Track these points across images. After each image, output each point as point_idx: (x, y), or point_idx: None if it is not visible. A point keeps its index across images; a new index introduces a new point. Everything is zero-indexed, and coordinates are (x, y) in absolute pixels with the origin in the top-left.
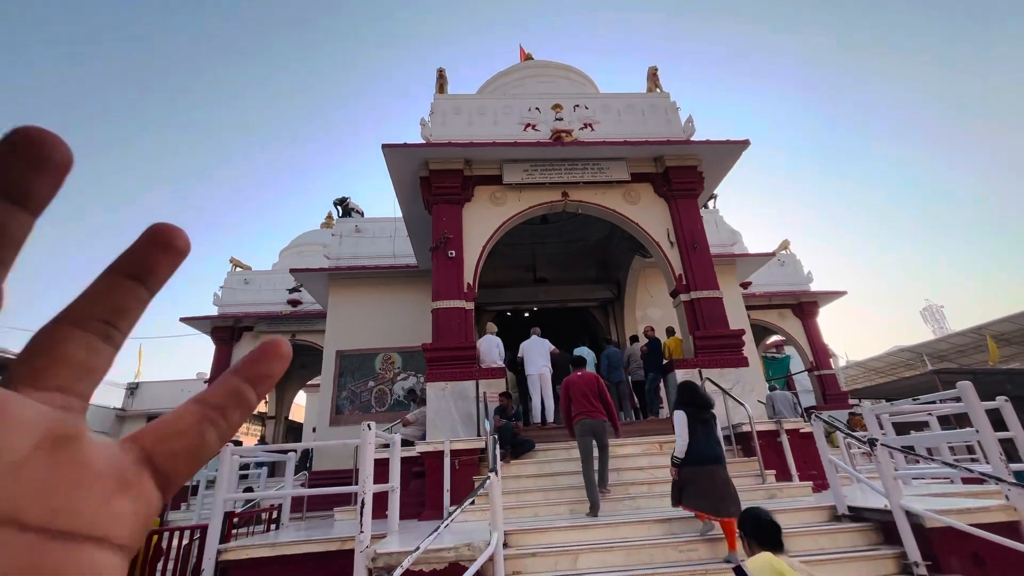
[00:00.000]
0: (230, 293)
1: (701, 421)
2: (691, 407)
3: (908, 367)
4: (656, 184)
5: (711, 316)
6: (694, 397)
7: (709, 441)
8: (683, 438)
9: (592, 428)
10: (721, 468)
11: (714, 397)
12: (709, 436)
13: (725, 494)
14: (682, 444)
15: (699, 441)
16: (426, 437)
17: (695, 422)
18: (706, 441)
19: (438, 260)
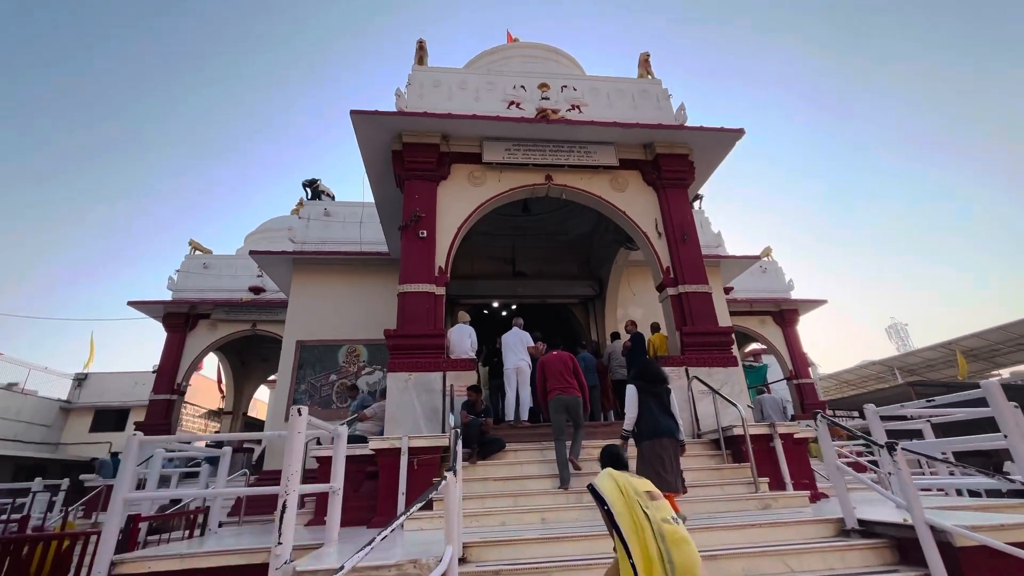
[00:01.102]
0: (187, 278)
1: (652, 395)
2: (640, 380)
3: (878, 380)
4: (645, 172)
5: (699, 312)
6: (645, 371)
7: (661, 414)
8: (631, 410)
9: (566, 404)
10: (671, 441)
11: (703, 397)
12: (661, 409)
13: (676, 468)
14: (630, 417)
15: (650, 413)
16: (384, 434)
17: (646, 396)
18: (658, 414)
19: (408, 240)
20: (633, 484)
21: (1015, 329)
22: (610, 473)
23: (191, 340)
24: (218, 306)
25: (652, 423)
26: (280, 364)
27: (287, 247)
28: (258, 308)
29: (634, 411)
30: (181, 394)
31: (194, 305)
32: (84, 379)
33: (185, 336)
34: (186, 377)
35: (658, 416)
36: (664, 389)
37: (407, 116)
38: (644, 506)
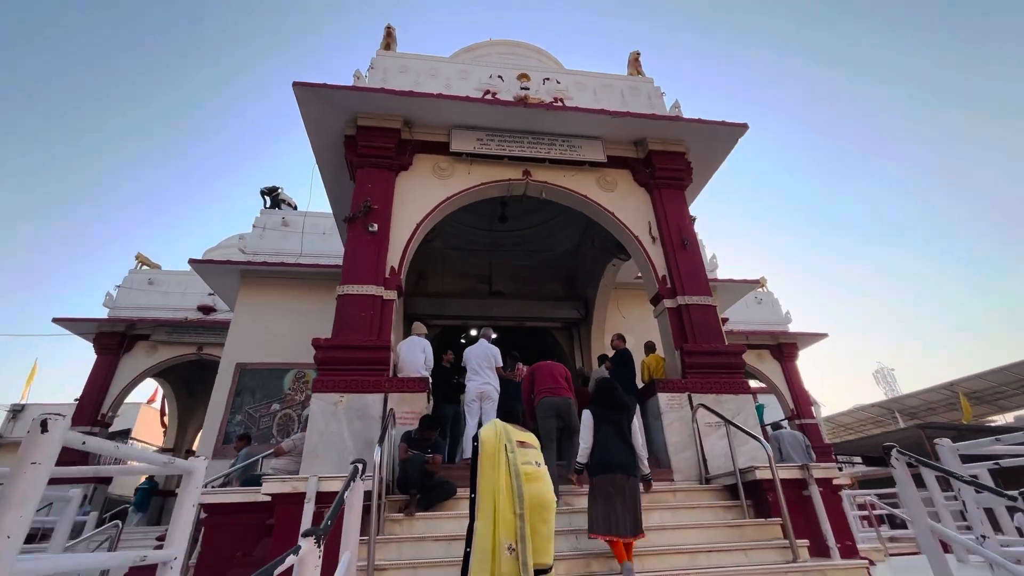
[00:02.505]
0: (128, 294)
1: (609, 422)
2: (596, 405)
3: (877, 423)
4: (636, 171)
5: (703, 327)
6: (602, 395)
7: (617, 445)
8: (585, 441)
9: (556, 407)
10: (626, 478)
11: (713, 429)
12: (618, 439)
13: (632, 508)
14: (584, 448)
15: (604, 444)
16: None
17: (600, 422)
18: (613, 445)
19: (355, 234)
20: (509, 433)
21: (1018, 370)
22: (495, 422)
23: (125, 364)
24: (159, 326)
25: (604, 456)
26: (214, 390)
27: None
28: (206, 330)
29: (589, 440)
30: (106, 427)
31: (132, 324)
32: (21, 410)
33: (118, 359)
34: (115, 407)
35: (612, 448)
36: (624, 416)
37: (362, 92)
38: (510, 450)
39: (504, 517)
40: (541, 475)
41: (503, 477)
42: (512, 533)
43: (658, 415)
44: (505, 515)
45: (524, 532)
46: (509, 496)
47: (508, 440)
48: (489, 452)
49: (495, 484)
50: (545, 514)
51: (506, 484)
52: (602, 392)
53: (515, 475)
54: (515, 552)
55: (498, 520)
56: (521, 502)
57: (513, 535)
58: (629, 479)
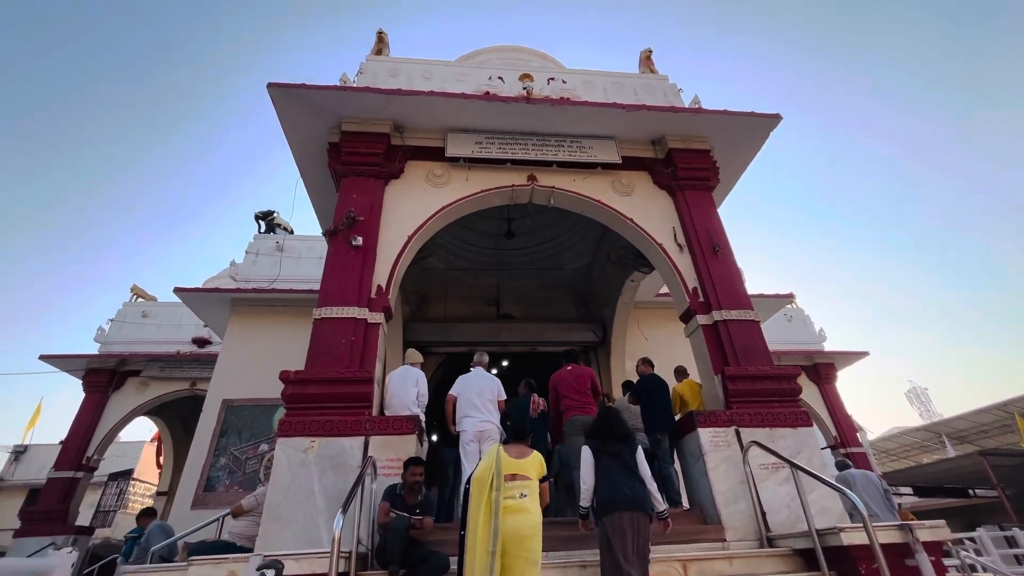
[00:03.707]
0: (120, 328)
1: (609, 455)
2: (595, 438)
3: (923, 449)
4: (656, 172)
5: (746, 347)
6: (601, 425)
7: (623, 479)
8: (586, 480)
9: (585, 426)
10: (635, 516)
11: (770, 473)
12: (619, 473)
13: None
14: (585, 488)
15: (607, 480)
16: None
17: (601, 456)
18: (618, 479)
19: (336, 249)
20: (501, 465)
21: None
22: (496, 450)
23: (114, 402)
24: (151, 360)
25: (608, 493)
26: (197, 429)
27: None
28: (200, 364)
29: (590, 480)
30: (91, 471)
31: (123, 360)
32: (24, 451)
33: (107, 397)
34: (101, 449)
35: (618, 483)
36: (628, 448)
37: (345, 93)
38: (495, 487)
39: (479, 554)
40: (522, 507)
41: (482, 514)
42: (484, 569)
43: (699, 456)
44: (480, 552)
45: (494, 567)
46: (485, 533)
47: (496, 475)
48: (477, 489)
49: (475, 520)
50: (522, 548)
51: (484, 522)
52: (602, 422)
53: (494, 512)
54: None
55: (475, 556)
56: (495, 540)
57: (485, 570)
58: (637, 516)
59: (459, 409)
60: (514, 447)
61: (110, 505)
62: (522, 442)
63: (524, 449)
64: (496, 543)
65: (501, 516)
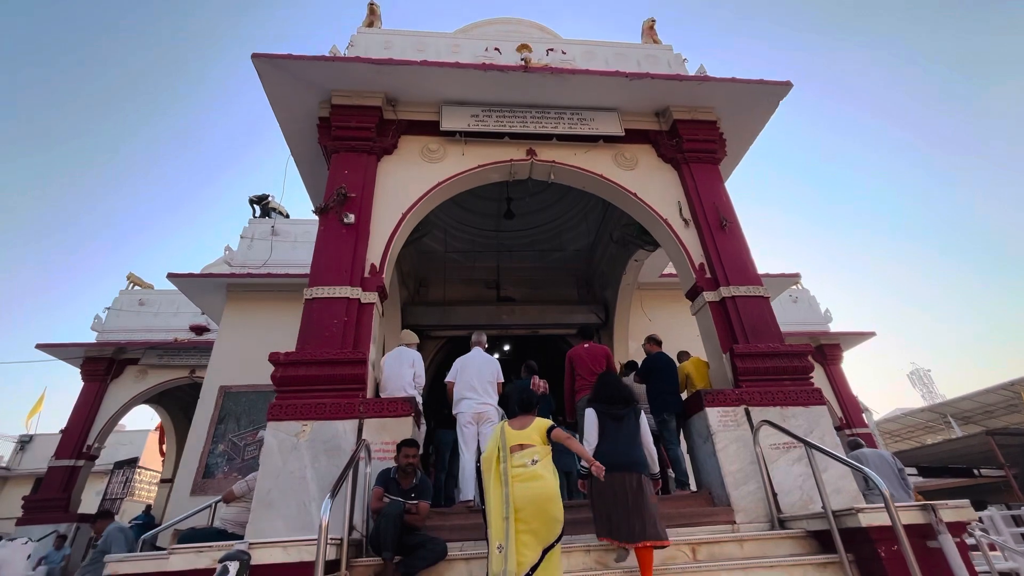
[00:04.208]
0: (118, 316)
1: (613, 418)
2: (599, 402)
3: (927, 429)
4: (660, 145)
5: (756, 324)
6: (603, 390)
7: (621, 442)
8: (589, 442)
9: None
10: (632, 477)
11: (781, 453)
12: (621, 436)
13: (637, 509)
14: (588, 448)
15: (607, 443)
16: (247, 527)
17: (605, 419)
18: (617, 442)
19: (327, 227)
20: (507, 438)
21: None
22: (501, 427)
23: (113, 390)
24: (150, 348)
25: (609, 455)
26: (195, 416)
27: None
28: (199, 351)
29: (594, 440)
30: (91, 459)
31: (121, 348)
32: (29, 441)
33: (105, 386)
34: (102, 437)
35: (618, 445)
36: (631, 411)
37: (334, 63)
38: (502, 459)
39: (495, 522)
40: (534, 474)
41: (494, 485)
42: (500, 535)
43: (708, 436)
44: (496, 520)
45: (509, 532)
46: (498, 503)
47: (502, 448)
48: (486, 466)
49: (488, 493)
50: (541, 510)
51: (496, 492)
52: (603, 387)
53: (504, 482)
54: (502, 551)
55: (492, 524)
56: (507, 507)
57: (501, 536)
58: (636, 478)
59: (456, 391)
60: (518, 419)
61: (116, 493)
62: (529, 413)
63: (526, 420)
64: (509, 510)
65: (512, 484)
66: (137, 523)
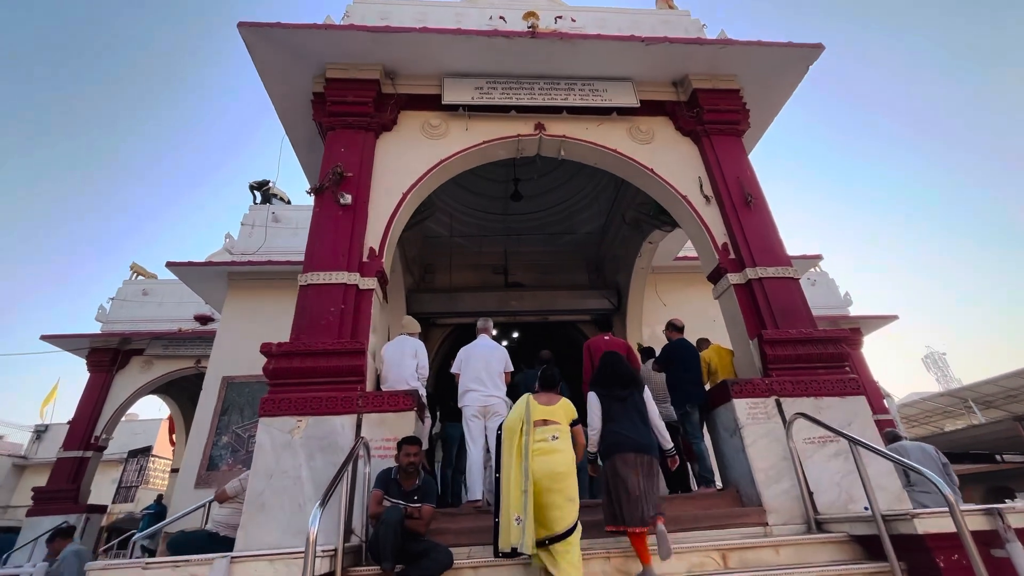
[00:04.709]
0: (122, 307)
1: (616, 399)
2: (600, 385)
3: (946, 415)
4: (678, 117)
5: (786, 308)
6: (604, 372)
7: (627, 424)
8: (593, 426)
9: None
10: (640, 458)
11: (816, 448)
12: (627, 417)
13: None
14: (592, 433)
15: (614, 424)
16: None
17: (609, 401)
18: (623, 423)
19: (322, 209)
20: (531, 412)
21: None
22: (526, 399)
23: (119, 381)
24: (155, 339)
25: (613, 435)
26: (198, 408)
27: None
28: (204, 341)
29: (598, 423)
30: (99, 450)
31: (126, 339)
32: (44, 431)
33: (111, 376)
34: (109, 428)
35: (624, 426)
36: (635, 392)
37: (327, 32)
38: (525, 432)
39: (513, 493)
40: (554, 448)
41: (514, 457)
42: (519, 507)
43: (735, 430)
44: (514, 492)
45: (527, 505)
46: (517, 474)
47: (527, 421)
48: (507, 435)
49: (508, 464)
50: (557, 483)
51: (516, 464)
52: (604, 369)
53: (524, 455)
54: (521, 523)
55: (510, 496)
56: (527, 480)
57: (520, 508)
58: (645, 458)
59: (461, 383)
60: (543, 395)
61: (131, 481)
62: (552, 390)
63: (553, 396)
64: (528, 483)
65: (532, 458)
66: (149, 512)
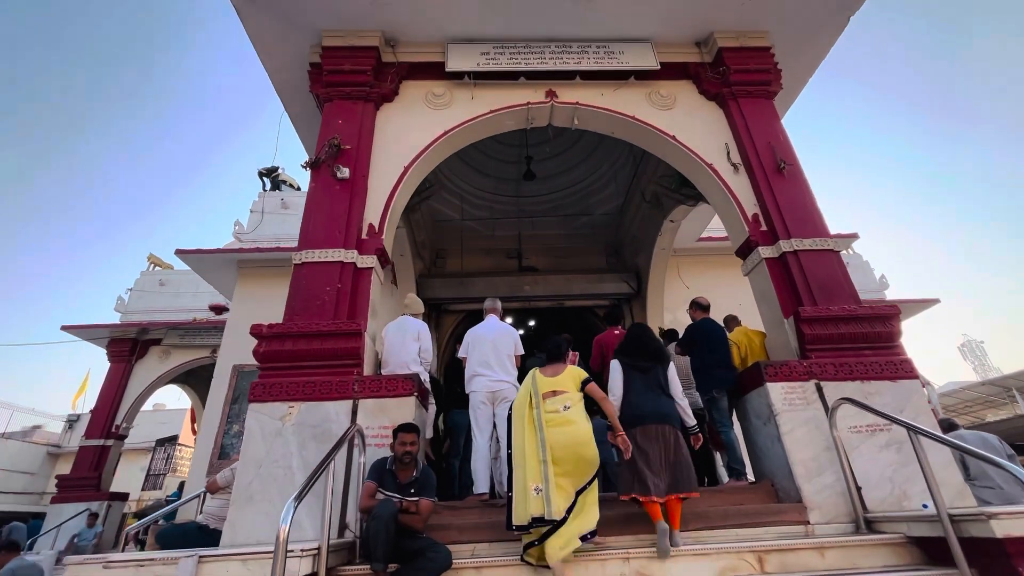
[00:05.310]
0: (140, 297)
1: (639, 370)
2: (624, 355)
3: (988, 404)
4: (702, 80)
5: (825, 283)
6: (630, 343)
7: (648, 395)
8: (614, 393)
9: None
10: (661, 428)
11: (864, 437)
12: (649, 388)
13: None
14: (614, 401)
15: (634, 395)
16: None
17: (631, 371)
18: (644, 395)
19: (319, 184)
20: (538, 385)
21: None
22: (532, 373)
23: (139, 371)
24: (172, 329)
25: (633, 408)
26: (209, 396)
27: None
28: (219, 331)
29: (619, 392)
30: (121, 439)
31: (144, 329)
32: (76, 420)
33: (131, 366)
34: (129, 417)
35: (644, 397)
36: (659, 366)
37: None
38: (534, 404)
39: (530, 464)
40: (568, 419)
41: (528, 430)
42: (538, 477)
43: (769, 417)
44: (531, 463)
45: (547, 474)
46: (533, 445)
47: (534, 394)
48: (517, 412)
49: (521, 437)
50: (576, 453)
51: (530, 436)
52: (630, 340)
53: (538, 427)
54: (541, 492)
55: (526, 467)
56: (544, 450)
57: (539, 478)
58: (664, 428)
59: (468, 367)
60: (549, 367)
61: (159, 469)
62: (558, 362)
63: (559, 367)
64: (546, 452)
65: (547, 429)
66: (172, 499)
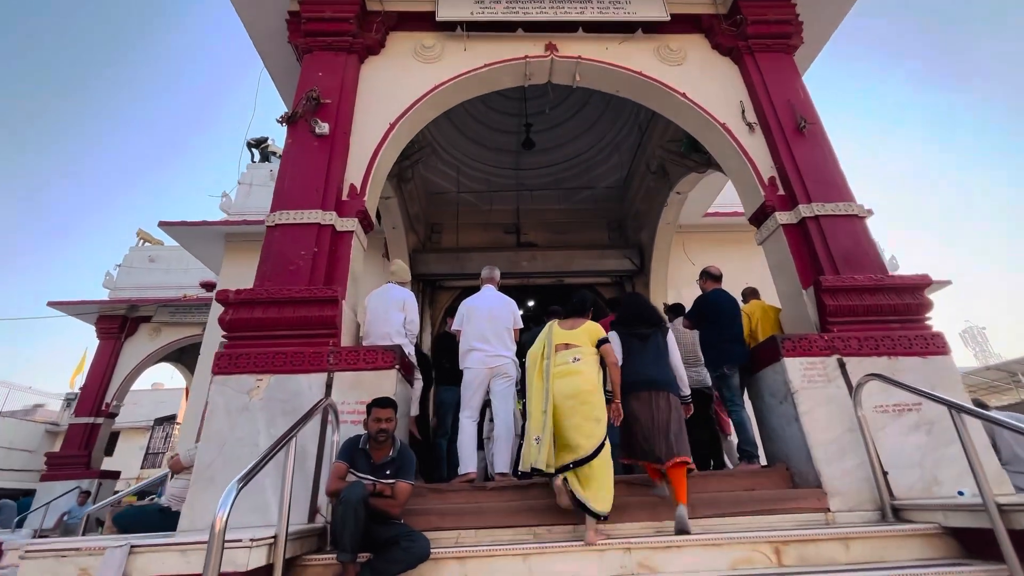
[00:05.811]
0: (129, 273)
1: (638, 337)
2: (621, 324)
3: (992, 390)
4: (715, 33)
5: (848, 251)
6: (628, 311)
7: (646, 362)
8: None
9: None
10: (655, 395)
11: (892, 418)
12: (647, 355)
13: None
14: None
15: (632, 361)
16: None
17: (630, 339)
18: (642, 362)
19: (296, 140)
20: (556, 335)
21: None
22: (550, 325)
23: (128, 348)
24: (162, 306)
25: (631, 376)
26: (195, 373)
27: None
28: (210, 308)
29: (619, 362)
30: (111, 416)
31: (133, 306)
32: (74, 399)
33: (120, 344)
34: (120, 395)
35: (640, 363)
36: (657, 332)
37: None
38: (546, 356)
39: (534, 415)
40: (576, 370)
41: (535, 380)
42: (539, 427)
43: (786, 395)
44: (535, 413)
45: (547, 424)
46: (539, 396)
47: (548, 345)
48: (530, 362)
49: (531, 387)
50: (580, 403)
51: (538, 386)
52: (628, 308)
53: (545, 377)
54: (540, 441)
55: (531, 417)
56: (547, 400)
57: (539, 429)
58: (660, 394)
59: (463, 341)
60: (568, 321)
61: (158, 448)
62: (580, 316)
63: (577, 321)
64: (548, 403)
65: (553, 380)
66: None
